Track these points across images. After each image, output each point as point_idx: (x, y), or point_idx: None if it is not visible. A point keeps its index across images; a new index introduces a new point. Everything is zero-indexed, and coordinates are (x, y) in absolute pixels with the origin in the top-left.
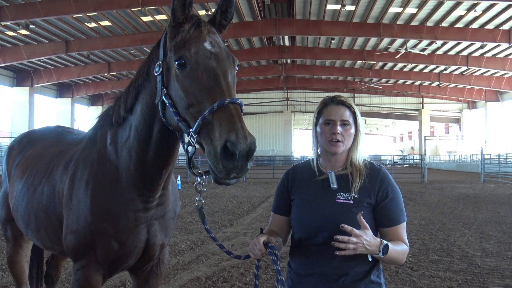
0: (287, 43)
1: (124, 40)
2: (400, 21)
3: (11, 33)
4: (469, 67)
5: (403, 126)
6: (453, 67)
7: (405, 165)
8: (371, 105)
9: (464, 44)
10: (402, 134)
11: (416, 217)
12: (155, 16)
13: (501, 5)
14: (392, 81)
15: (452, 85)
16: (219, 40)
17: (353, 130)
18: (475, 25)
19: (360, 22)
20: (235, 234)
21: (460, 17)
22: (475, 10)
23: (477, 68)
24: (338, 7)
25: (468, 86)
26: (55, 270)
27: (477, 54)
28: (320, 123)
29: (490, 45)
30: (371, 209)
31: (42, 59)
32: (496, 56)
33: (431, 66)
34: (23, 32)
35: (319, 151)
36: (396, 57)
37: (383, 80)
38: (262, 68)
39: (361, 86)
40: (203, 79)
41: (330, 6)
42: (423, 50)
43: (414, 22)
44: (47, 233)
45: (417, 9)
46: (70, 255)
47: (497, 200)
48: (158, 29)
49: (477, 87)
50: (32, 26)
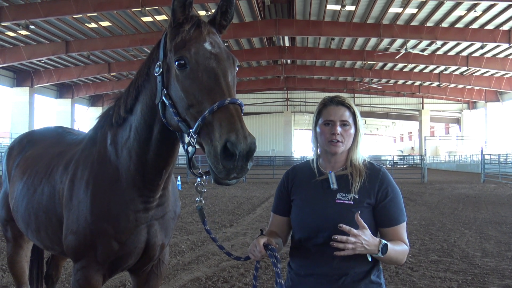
0: (287, 44)
1: (124, 41)
2: (400, 22)
3: (11, 34)
4: (469, 68)
5: (403, 127)
6: (453, 68)
7: (405, 166)
8: (371, 106)
9: (464, 45)
10: (402, 135)
11: (416, 218)
12: (155, 17)
13: (501, 6)
14: (392, 82)
15: (452, 86)
16: (219, 41)
17: (353, 131)
18: (475, 26)
19: (360, 23)
20: (235, 235)
21: (460, 18)
22: (475, 11)
23: (477, 69)
24: (338, 8)
25: (468, 87)
26: (55, 271)
27: (477, 55)
28: (320, 124)
29: (490, 46)
30: (371, 209)
31: (42, 60)
32: (496, 57)
33: (431, 67)
34: (23, 33)
35: (319, 152)
36: (396, 58)
37: (383, 81)
38: (262, 69)
39: (361, 87)
40: (203, 80)
41: (330, 7)
42: (423, 51)
43: (414, 23)
44: (47, 234)
45: (417, 10)
46: (70, 256)
47: (497, 201)
48: (158, 30)
49: (477, 88)
50: (32, 27)
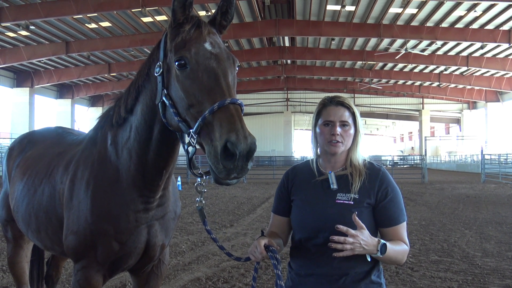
0: (287, 44)
1: (124, 41)
2: (400, 22)
3: (11, 34)
4: (469, 68)
5: (403, 127)
6: (453, 68)
7: (406, 166)
8: (371, 106)
9: (464, 45)
10: (402, 135)
11: (417, 218)
12: (155, 17)
13: (501, 6)
14: (392, 82)
15: (452, 86)
16: (219, 41)
17: (353, 131)
18: (475, 26)
19: (360, 23)
20: (236, 235)
21: (460, 18)
22: (475, 11)
23: (477, 69)
24: (338, 8)
25: (468, 87)
26: (56, 271)
27: (477, 55)
28: (320, 124)
29: (490, 46)
30: (371, 209)
31: (42, 60)
32: (496, 57)
33: (431, 67)
34: (23, 33)
35: (319, 152)
36: (396, 58)
37: (383, 81)
38: (262, 69)
39: (361, 87)
40: (204, 80)
41: (330, 7)
42: (423, 51)
43: (414, 23)
44: (48, 234)
45: (417, 10)
46: (71, 256)
47: (498, 201)
48: (158, 30)
49: (477, 88)
50: (32, 27)
